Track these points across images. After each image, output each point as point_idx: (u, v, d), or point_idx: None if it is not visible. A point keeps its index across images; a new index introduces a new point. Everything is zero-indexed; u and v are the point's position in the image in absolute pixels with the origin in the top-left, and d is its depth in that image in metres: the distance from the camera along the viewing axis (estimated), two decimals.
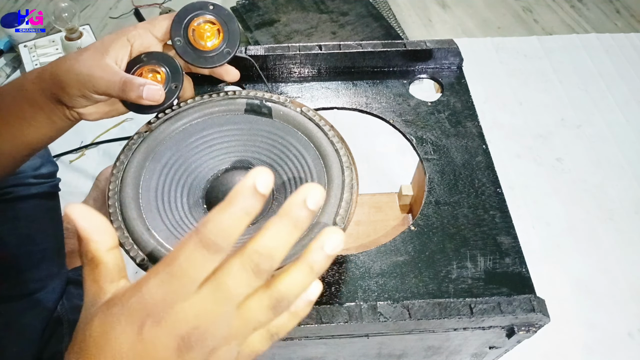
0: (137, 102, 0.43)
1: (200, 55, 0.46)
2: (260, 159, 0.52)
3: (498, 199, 0.54)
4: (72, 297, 0.75)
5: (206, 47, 0.46)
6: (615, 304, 0.91)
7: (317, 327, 0.44)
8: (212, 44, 0.46)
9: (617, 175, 1.10)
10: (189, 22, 0.46)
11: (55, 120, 0.45)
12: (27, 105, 0.45)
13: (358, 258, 0.49)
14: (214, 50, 0.46)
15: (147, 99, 0.42)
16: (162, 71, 0.45)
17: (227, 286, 0.22)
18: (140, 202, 0.45)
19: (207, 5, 0.46)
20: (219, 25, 0.46)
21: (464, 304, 0.45)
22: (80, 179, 1.04)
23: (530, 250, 0.97)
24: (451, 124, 0.61)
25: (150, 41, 0.46)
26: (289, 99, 0.52)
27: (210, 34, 0.46)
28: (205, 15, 0.46)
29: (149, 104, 0.43)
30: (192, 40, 0.46)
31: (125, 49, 0.45)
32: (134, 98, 0.42)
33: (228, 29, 0.46)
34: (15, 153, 0.48)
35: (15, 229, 0.69)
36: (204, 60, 0.46)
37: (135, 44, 0.45)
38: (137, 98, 0.42)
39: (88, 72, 0.41)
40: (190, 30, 0.46)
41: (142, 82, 0.42)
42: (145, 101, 0.43)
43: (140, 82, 0.42)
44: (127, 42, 0.45)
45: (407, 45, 0.64)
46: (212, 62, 0.46)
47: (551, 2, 1.56)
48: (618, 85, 1.29)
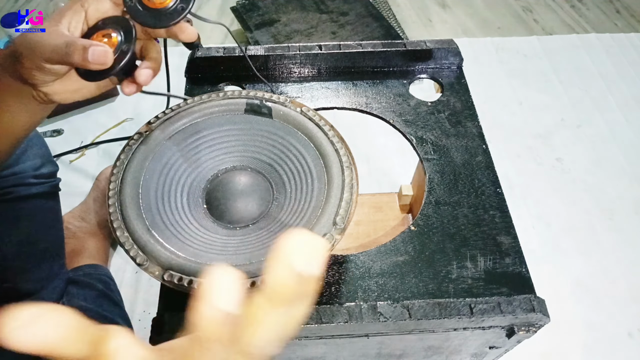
0: (84, 65, 0.39)
1: (153, 15, 0.42)
2: (260, 159, 0.52)
3: (498, 199, 0.54)
4: (72, 297, 0.75)
5: (157, 4, 0.42)
6: (615, 304, 0.91)
7: (317, 327, 0.44)
8: (164, 1, 0.42)
9: (617, 175, 1.10)
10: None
11: (24, 102, 0.43)
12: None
13: (358, 258, 0.49)
14: (167, 7, 0.42)
15: (93, 62, 0.39)
16: (114, 35, 0.42)
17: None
18: (140, 202, 0.45)
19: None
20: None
21: (464, 304, 0.45)
22: (80, 179, 1.04)
23: (530, 250, 0.97)
24: (451, 124, 0.61)
25: (105, 6, 0.43)
26: (289, 99, 0.52)
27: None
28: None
29: (96, 67, 0.40)
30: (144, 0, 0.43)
31: (79, 14, 0.42)
32: (79, 61, 0.39)
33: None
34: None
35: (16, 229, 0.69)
36: (156, 19, 0.42)
37: (90, 9, 0.42)
38: (82, 61, 0.39)
39: (38, 39, 0.39)
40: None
41: (87, 44, 0.39)
42: (92, 65, 0.39)
43: (85, 44, 0.38)
44: (80, 7, 0.42)
45: (407, 45, 0.64)
46: (166, 21, 0.42)
47: (551, 2, 1.56)
48: (618, 85, 1.29)
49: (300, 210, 0.45)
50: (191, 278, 0.40)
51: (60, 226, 0.77)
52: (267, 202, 0.50)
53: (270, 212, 0.49)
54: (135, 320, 0.85)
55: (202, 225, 0.47)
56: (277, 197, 0.50)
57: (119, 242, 0.42)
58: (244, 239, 0.45)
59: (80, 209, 0.94)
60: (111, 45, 0.41)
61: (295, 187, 0.49)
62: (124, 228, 0.43)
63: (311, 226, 0.42)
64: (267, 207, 0.49)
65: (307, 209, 0.45)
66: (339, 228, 0.42)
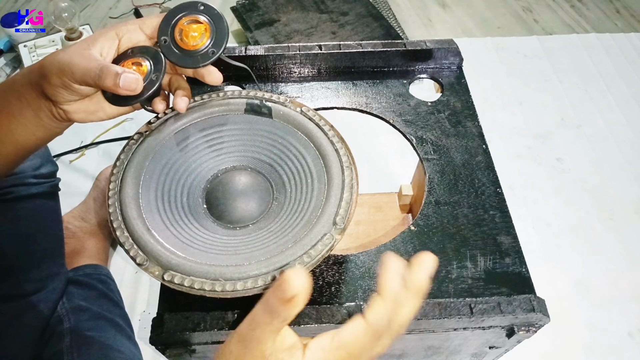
0: (114, 90, 0.41)
1: (185, 55, 0.45)
2: (260, 159, 0.52)
3: (498, 199, 0.54)
4: (72, 297, 0.75)
5: (190, 46, 0.45)
6: (615, 304, 0.91)
7: (317, 327, 0.44)
8: (197, 44, 0.45)
9: (617, 175, 1.10)
10: (177, 21, 0.45)
11: (42, 117, 0.44)
12: (15, 99, 0.44)
13: (358, 258, 0.49)
14: (199, 50, 0.45)
15: (123, 87, 0.41)
16: (145, 64, 0.44)
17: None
18: (140, 202, 0.45)
19: (197, 4, 0.46)
20: (207, 25, 0.45)
21: (464, 304, 0.45)
22: (80, 179, 1.04)
23: (530, 250, 0.97)
24: (451, 124, 0.61)
25: (139, 38, 0.45)
26: (289, 99, 0.52)
27: (197, 34, 0.45)
28: (194, 15, 0.45)
29: (126, 93, 0.42)
30: (177, 40, 0.45)
31: (112, 41, 0.44)
32: (110, 85, 0.41)
33: (215, 30, 0.45)
34: (4, 152, 0.46)
35: (16, 229, 0.69)
36: (187, 59, 0.45)
37: (123, 38, 0.44)
38: (113, 86, 0.41)
39: (69, 60, 0.40)
40: (177, 30, 0.45)
41: (120, 70, 0.41)
42: (122, 90, 0.41)
43: (118, 70, 0.41)
44: (115, 35, 0.44)
45: (407, 45, 0.64)
46: (195, 62, 0.45)
47: (551, 2, 1.56)
48: (618, 85, 1.29)
49: (300, 210, 0.45)
50: (191, 278, 0.40)
51: (60, 226, 0.77)
52: (267, 202, 0.50)
53: (270, 212, 0.49)
54: (135, 320, 0.85)
55: (202, 225, 0.47)
56: (277, 197, 0.50)
57: (119, 242, 0.42)
58: (244, 239, 0.45)
59: (80, 209, 0.94)
60: (141, 74, 0.43)
61: (295, 187, 0.49)
62: (124, 228, 0.43)
63: (311, 226, 0.42)
64: (267, 207, 0.49)
65: (307, 209, 0.45)
66: (339, 228, 0.42)
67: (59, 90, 0.42)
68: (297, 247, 0.41)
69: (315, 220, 0.43)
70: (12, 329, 0.67)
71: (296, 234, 0.42)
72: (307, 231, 0.42)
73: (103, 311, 0.75)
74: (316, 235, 0.41)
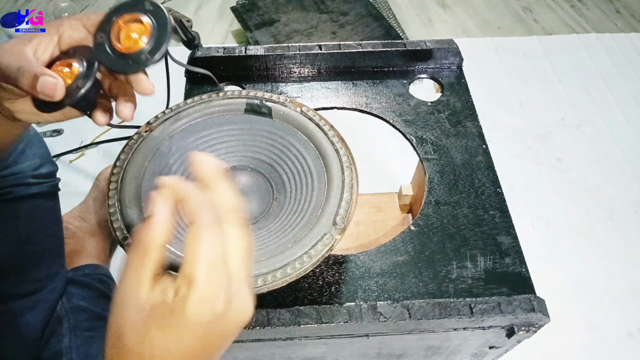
0: (33, 94, 0.37)
1: (118, 58, 0.39)
2: (260, 159, 0.52)
3: (498, 199, 0.54)
4: (72, 297, 0.75)
5: (124, 48, 0.39)
6: (615, 304, 0.91)
7: (317, 327, 0.44)
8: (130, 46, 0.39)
9: (617, 175, 1.10)
10: (118, 18, 0.39)
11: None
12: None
13: (358, 258, 0.49)
14: (133, 54, 0.39)
15: (41, 92, 0.36)
16: (76, 66, 0.39)
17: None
18: (141, 202, 0.45)
19: (145, 2, 0.39)
20: (148, 26, 0.39)
21: (464, 304, 0.45)
22: (80, 179, 1.04)
23: (530, 250, 0.97)
24: (451, 124, 0.61)
25: (81, 34, 0.41)
26: (289, 99, 0.52)
27: (137, 35, 0.39)
28: (136, 14, 0.39)
29: (45, 98, 0.37)
30: (112, 40, 0.39)
31: (50, 38, 0.40)
32: (27, 88, 0.37)
33: (157, 34, 0.39)
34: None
35: (15, 229, 0.69)
36: (119, 63, 0.39)
37: (64, 34, 0.40)
38: (30, 89, 0.36)
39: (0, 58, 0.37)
40: (115, 28, 0.39)
41: (39, 72, 0.36)
42: (41, 95, 0.37)
43: (37, 71, 0.36)
44: (55, 31, 0.40)
45: (407, 45, 0.64)
46: (125, 68, 0.39)
47: (551, 2, 1.56)
48: (618, 85, 1.29)
49: (300, 210, 0.45)
50: None
51: (59, 226, 0.77)
52: (267, 202, 0.50)
53: (270, 212, 0.49)
54: None
55: None
56: (277, 197, 0.50)
57: (119, 242, 0.42)
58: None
59: (80, 209, 0.94)
60: (71, 76, 0.39)
61: (295, 187, 0.49)
62: (124, 228, 0.43)
63: (311, 226, 0.42)
64: (267, 207, 0.49)
65: (307, 209, 0.45)
66: (339, 228, 0.42)
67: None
68: (297, 247, 0.41)
69: (315, 220, 0.43)
70: (11, 329, 0.67)
71: (296, 234, 0.42)
72: (307, 231, 0.42)
73: (103, 311, 0.75)
74: (316, 235, 0.41)
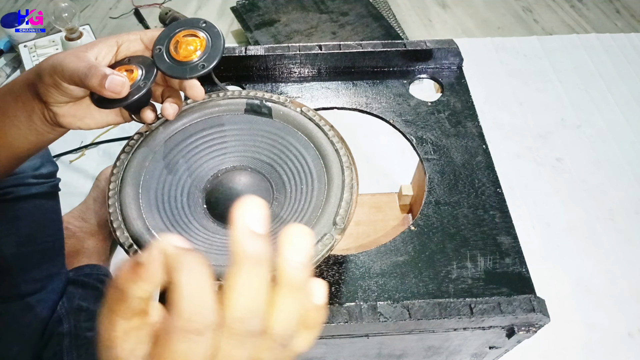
0: (100, 91, 0.41)
1: (175, 65, 0.45)
2: (260, 159, 0.52)
3: (498, 199, 0.54)
4: (72, 297, 0.75)
5: (182, 57, 0.45)
6: (615, 304, 0.91)
7: None
8: (188, 55, 0.45)
9: (617, 175, 1.10)
10: (175, 33, 0.46)
11: (34, 120, 0.45)
12: (13, 100, 0.45)
13: (358, 258, 0.49)
14: (189, 62, 0.45)
15: (109, 89, 0.41)
16: (137, 72, 0.45)
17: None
18: (140, 202, 0.45)
19: (200, 21, 0.47)
20: (203, 40, 0.46)
21: (464, 304, 0.45)
22: (80, 179, 1.04)
23: (530, 250, 0.97)
24: (451, 124, 0.61)
25: (138, 47, 0.46)
26: (289, 99, 0.52)
27: (192, 47, 0.45)
28: (193, 30, 0.46)
29: (110, 95, 0.42)
30: (171, 50, 0.46)
31: (110, 48, 0.45)
32: (95, 85, 0.41)
33: (211, 46, 0.45)
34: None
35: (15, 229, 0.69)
36: (176, 69, 0.45)
37: (122, 46, 0.45)
38: (99, 86, 0.41)
39: (62, 59, 0.41)
40: (173, 41, 0.46)
41: (108, 72, 0.41)
42: (107, 92, 0.41)
43: (106, 71, 0.41)
44: (114, 43, 0.45)
45: (407, 45, 0.64)
46: (183, 73, 0.45)
47: (551, 2, 1.56)
48: (618, 85, 1.29)
49: (300, 210, 0.45)
50: None
51: (60, 226, 0.77)
52: (267, 202, 0.50)
53: (270, 212, 0.49)
54: None
55: (202, 225, 0.47)
56: (277, 197, 0.50)
57: (119, 242, 0.42)
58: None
59: (80, 209, 0.94)
60: (130, 80, 0.44)
61: (295, 187, 0.49)
62: (124, 228, 0.43)
63: (311, 226, 0.42)
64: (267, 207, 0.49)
65: (307, 209, 0.45)
66: (339, 228, 0.42)
67: (50, 89, 0.42)
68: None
69: (315, 220, 0.43)
70: (11, 330, 0.67)
71: None
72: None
73: None
74: (316, 235, 0.41)
